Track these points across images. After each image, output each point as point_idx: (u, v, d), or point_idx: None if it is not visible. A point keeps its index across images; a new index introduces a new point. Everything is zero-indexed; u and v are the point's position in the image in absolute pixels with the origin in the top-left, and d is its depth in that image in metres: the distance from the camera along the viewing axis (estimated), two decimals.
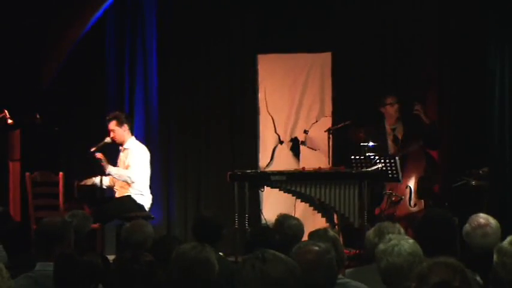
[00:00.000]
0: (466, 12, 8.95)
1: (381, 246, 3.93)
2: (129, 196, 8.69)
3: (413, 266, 3.70)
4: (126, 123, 8.75)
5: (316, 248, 3.73)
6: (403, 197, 8.77)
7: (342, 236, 8.18)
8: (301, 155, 9.90)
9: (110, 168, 8.58)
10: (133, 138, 8.85)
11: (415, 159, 8.74)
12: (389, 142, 9.01)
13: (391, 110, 8.98)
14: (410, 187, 8.76)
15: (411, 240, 3.98)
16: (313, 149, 9.85)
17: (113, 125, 8.67)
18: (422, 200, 8.74)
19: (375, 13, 9.49)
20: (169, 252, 3.84)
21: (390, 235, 4.12)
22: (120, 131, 8.69)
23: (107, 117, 8.76)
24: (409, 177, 8.59)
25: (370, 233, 4.90)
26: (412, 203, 8.76)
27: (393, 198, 8.78)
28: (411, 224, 8.14)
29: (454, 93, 9.15)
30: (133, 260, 3.42)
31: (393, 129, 9.03)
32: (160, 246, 4.49)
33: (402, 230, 4.89)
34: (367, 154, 8.44)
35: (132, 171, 8.66)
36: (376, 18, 9.49)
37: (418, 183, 8.74)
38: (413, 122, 8.86)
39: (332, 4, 9.62)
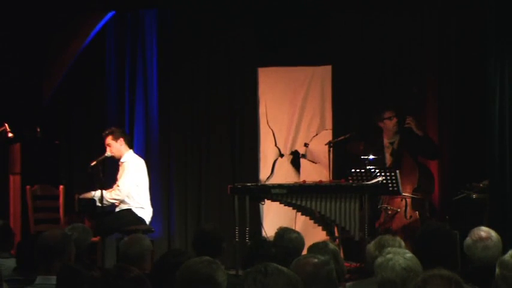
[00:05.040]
0: (466, 25, 8.97)
1: (379, 260, 3.93)
2: (129, 209, 8.70)
3: (408, 281, 3.69)
4: (121, 137, 8.79)
5: (315, 260, 3.72)
6: (398, 210, 8.78)
7: (343, 249, 8.20)
8: (301, 168, 9.90)
9: (105, 195, 8.57)
10: (130, 152, 8.88)
11: (408, 171, 8.75)
12: (387, 156, 9.02)
13: (389, 124, 9.00)
14: (405, 199, 8.76)
15: (409, 255, 3.96)
16: (313, 162, 9.85)
17: (108, 139, 8.75)
18: (417, 212, 8.75)
19: (374, 26, 9.51)
20: (175, 266, 3.83)
21: (389, 248, 4.11)
22: (116, 146, 8.75)
23: (103, 133, 8.81)
24: (404, 189, 8.59)
25: (371, 246, 4.90)
26: (408, 215, 8.76)
27: (389, 212, 8.78)
28: (408, 236, 8.14)
29: (454, 106, 9.15)
30: (118, 275, 3.38)
31: (391, 143, 9.04)
32: (168, 259, 4.47)
33: (403, 243, 4.89)
34: (367, 167, 8.45)
35: (120, 183, 8.68)
36: (375, 30, 9.51)
37: (413, 195, 8.75)
38: (407, 134, 8.88)
39: (332, 17, 9.64)
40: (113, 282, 3.32)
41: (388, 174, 8.40)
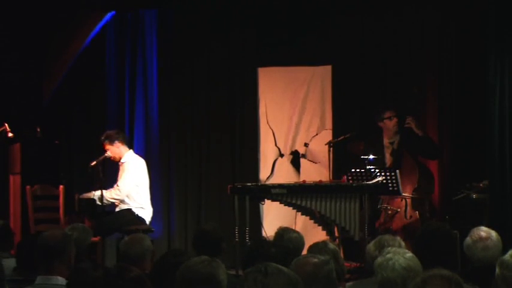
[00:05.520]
0: (466, 24, 8.97)
1: (379, 259, 3.93)
2: (129, 209, 8.70)
3: (408, 281, 3.68)
4: (116, 139, 8.77)
5: (315, 260, 3.72)
6: (398, 210, 8.78)
7: (343, 249, 8.20)
8: (301, 167, 9.89)
9: (105, 195, 8.58)
10: (130, 152, 8.88)
11: (408, 171, 8.75)
12: (387, 156, 9.02)
13: (389, 124, 8.99)
14: (405, 199, 8.76)
15: (409, 255, 3.96)
16: (313, 162, 9.85)
17: (106, 145, 8.77)
18: (417, 212, 8.75)
19: (374, 26, 9.52)
20: (175, 266, 3.84)
21: (389, 248, 4.11)
22: (113, 149, 8.75)
23: (100, 139, 8.79)
24: (404, 189, 8.59)
25: (371, 246, 4.90)
26: (408, 215, 8.76)
27: (389, 212, 8.78)
28: (408, 235, 8.14)
29: (454, 106, 9.15)
30: (118, 275, 3.39)
31: (391, 143, 9.04)
32: (168, 259, 4.48)
33: (403, 243, 4.89)
34: (367, 167, 8.45)
35: (120, 183, 8.69)
36: (375, 30, 9.51)
37: (413, 195, 8.75)
38: (407, 134, 8.88)
39: (332, 17, 9.63)
40: (114, 282, 3.32)
41: (388, 174, 8.40)
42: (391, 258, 3.87)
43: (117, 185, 8.73)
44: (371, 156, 8.62)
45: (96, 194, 8.60)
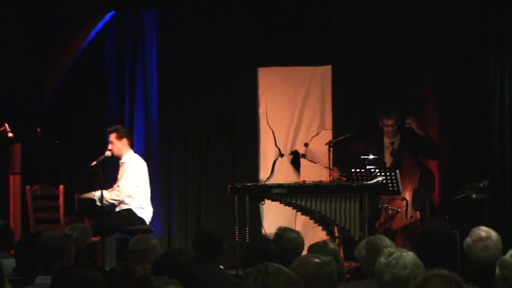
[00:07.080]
0: (466, 25, 8.97)
1: (383, 260, 3.92)
2: (129, 209, 8.70)
3: (418, 277, 3.70)
4: (125, 137, 8.79)
5: (317, 260, 3.72)
6: (399, 210, 8.77)
7: (343, 249, 8.20)
8: (301, 167, 9.89)
9: (105, 195, 8.58)
10: (131, 152, 8.88)
11: (409, 171, 8.75)
12: (387, 156, 9.02)
13: (387, 130, 8.99)
14: (406, 199, 8.76)
15: (411, 252, 3.98)
16: (313, 162, 9.85)
17: (112, 137, 8.74)
18: (418, 212, 8.74)
19: (375, 25, 9.51)
20: (175, 266, 3.84)
21: (389, 249, 4.11)
22: (118, 144, 8.74)
23: (108, 129, 8.81)
24: (404, 189, 8.59)
25: (362, 250, 4.89)
26: (408, 215, 8.76)
27: (389, 212, 8.77)
28: (409, 235, 8.12)
29: (454, 106, 9.15)
30: (123, 275, 3.39)
31: (392, 143, 9.04)
32: (168, 259, 4.48)
33: (391, 242, 4.90)
34: (367, 167, 8.45)
35: (121, 183, 8.69)
36: (376, 30, 9.51)
37: (413, 195, 8.75)
38: (407, 134, 8.88)
39: (332, 17, 9.63)
40: (118, 282, 3.33)
41: (388, 174, 8.40)
42: (400, 256, 3.88)
43: (118, 186, 8.73)
44: (371, 156, 8.62)
45: (96, 194, 8.60)
